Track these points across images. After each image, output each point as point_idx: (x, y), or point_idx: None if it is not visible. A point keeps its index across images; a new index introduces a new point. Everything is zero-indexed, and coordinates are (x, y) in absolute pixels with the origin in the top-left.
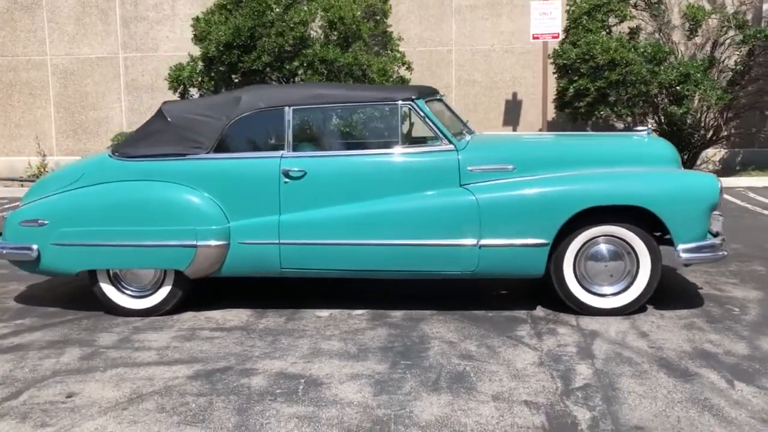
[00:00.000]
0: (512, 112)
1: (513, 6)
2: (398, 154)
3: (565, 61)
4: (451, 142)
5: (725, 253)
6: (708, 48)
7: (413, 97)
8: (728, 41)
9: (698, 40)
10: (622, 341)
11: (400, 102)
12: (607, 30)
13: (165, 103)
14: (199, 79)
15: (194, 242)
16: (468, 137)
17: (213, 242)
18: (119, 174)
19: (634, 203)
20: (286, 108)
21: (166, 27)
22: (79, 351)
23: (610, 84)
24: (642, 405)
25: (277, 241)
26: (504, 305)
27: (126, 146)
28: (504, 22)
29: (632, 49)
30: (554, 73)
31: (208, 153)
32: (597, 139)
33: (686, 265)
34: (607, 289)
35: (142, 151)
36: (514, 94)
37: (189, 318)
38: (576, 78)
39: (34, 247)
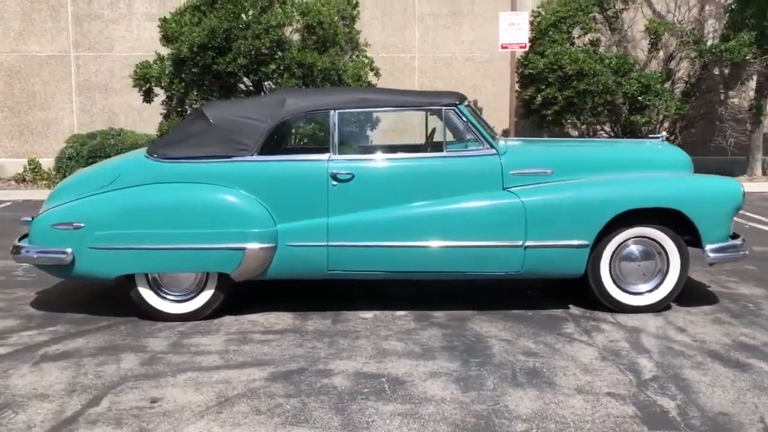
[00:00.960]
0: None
1: (474, 16)
2: (443, 157)
3: (531, 71)
4: (492, 147)
5: (746, 252)
6: (663, 61)
7: (456, 102)
8: (682, 55)
9: (657, 53)
10: (665, 336)
11: (444, 107)
12: (571, 42)
13: (205, 105)
14: (168, 80)
15: (243, 245)
16: (502, 141)
17: (261, 244)
18: (160, 176)
19: (669, 206)
20: (332, 111)
21: (122, 26)
22: (135, 357)
23: (578, 93)
24: (715, 393)
25: (325, 243)
26: (539, 304)
27: (165, 147)
28: (465, 31)
29: (599, 61)
30: (517, 82)
31: (253, 155)
32: (621, 145)
33: (711, 264)
34: (642, 287)
35: (183, 153)
36: (475, 102)
37: (231, 322)
38: (544, 87)
39: (69, 250)
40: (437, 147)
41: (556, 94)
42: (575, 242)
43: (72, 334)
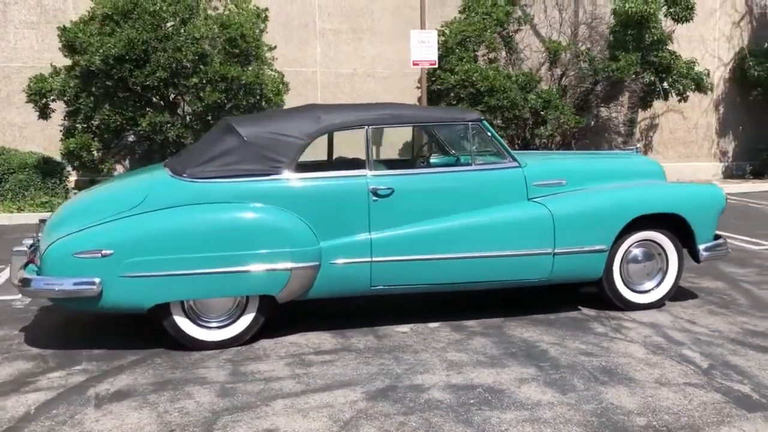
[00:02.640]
0: (375, 134)
1: (373, 33)
2: (473, 170)
3: (438, 86)
4: (515, 160)
5: (730, 250)
6: (558, 78)
7: (481, 117)
8: (576, 73)
9: (555, 70)
10: (684, 329)
11: (470, 122)
12: (475, 59)
13: (231, 119)
14: (73, 93)
15: (290, 265)
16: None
17: (307, 264)
18: (192, 196)
19: (673, 211)
20: (366, 127)
21: None
22: (204, 389)
23: (489, 108)
24: None
25: (369, 259)
26: (551, 309)
27: (194, 166)
28: (366, 47)
29: (507, 78)
30: (419, 98)
31: (289, 172)
32: (611, 157)
33: (698, 262)
34: (648, 285)
35: (216, 172)
36: None
37: (273, 346)
38: (455, 102)
39: (97, 280)
40: (465, 161)
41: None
42: (597, 247)
43: (108, 371)
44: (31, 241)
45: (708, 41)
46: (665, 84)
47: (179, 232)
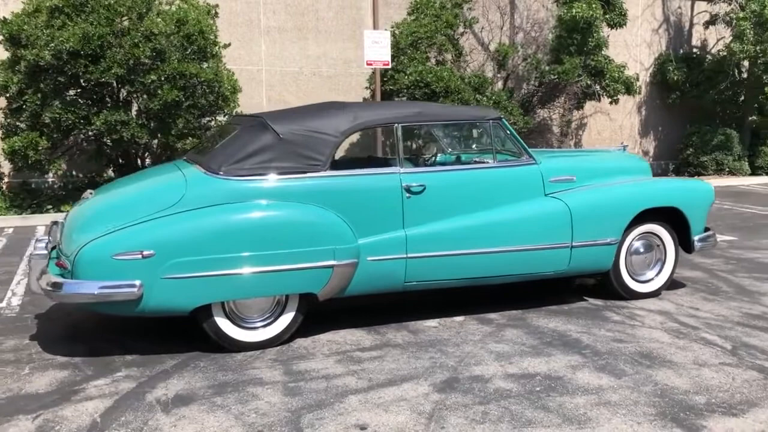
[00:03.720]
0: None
1: (318, 32)
2: (498, 167)
3: (390, 87)
4: (532, 157)
5: (717, 240)
6: (503, 79)
7: (500, 116)
8: (525, 75)
9: (503, 72)
10: (693, 315)
11: (491, 121)
12: (426, 61)
13: (265, 116)
14: (17, 89)
15: (332, 262)
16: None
17: (348, 261)
18: (231, 195)
19: (673, 205)
20: (396, 125)
21: None
22: (270, 390)
23: None
24: None
25: (404, 256)
26: (561, 300)
27: (229, 164)
28: (311, 45)
29: (460, 79)
30: (370, 97)
31: (325, 170)
32: (607, 154)
33: (690, 253)
34: (649, 275)
35: (252, 170)
36: None
37: (310, 344)
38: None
39: (137, 282)
40: (488, 158)
41: None
42: (608, 240)
43: (155, 376)
44: (43, 244)
45: (631, 47)
46: (599, 87)
47: (222, 231)
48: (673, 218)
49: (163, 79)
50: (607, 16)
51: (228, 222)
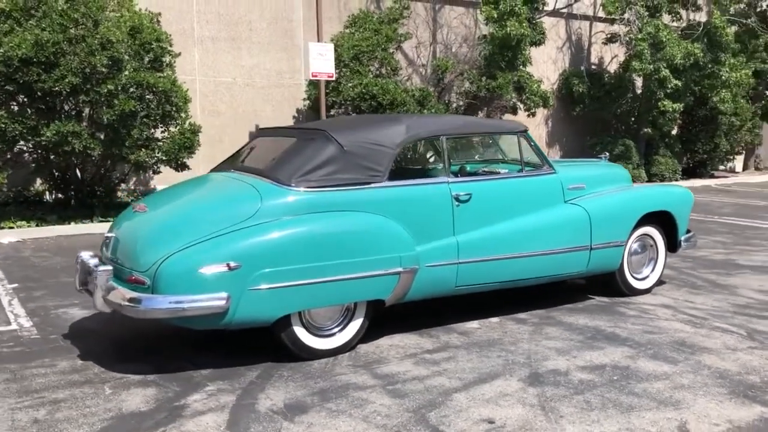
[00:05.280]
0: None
1: (251, 42)
2: (530, 176)
3: (334, 98)
4: (551, 167)
5: (697, 240)
6: (438, 92)
7: (527, 129)
8: (461, 89)
9: (442, 84)
10: (692, 307)
11: (519, 133)
12: (369, 74)
13: (326, 128)
14: None
15: (399, 269)
16: None
17: (411, 267)
18: (305, 206)
19: (666, 209)
20: (443, 137)
21: None
22: (373, 394)
23: None
24: None
25: (456, 261)
26: (571, 299)
27: (299, 176)
28: (244, 56)
29: (405, 92)
30: (310, 108)
31: (384, 180)
32: (600, 163)
33: (674, 252)
34: (645, 272)
35: (321, 181)
36: (257, 126)
37: (374, 350)
38: (354, 114)
39: (225, 295)
40: (517, 168)
41: None
42: (619, 241)
43: (248, 388)
44: (96, 260)
45: (538, 63)
46: (519, 101)
47: (302, 242)
48: (663, 220)
49: (120, 88)
50: (530, 35)
51: (307, 232)
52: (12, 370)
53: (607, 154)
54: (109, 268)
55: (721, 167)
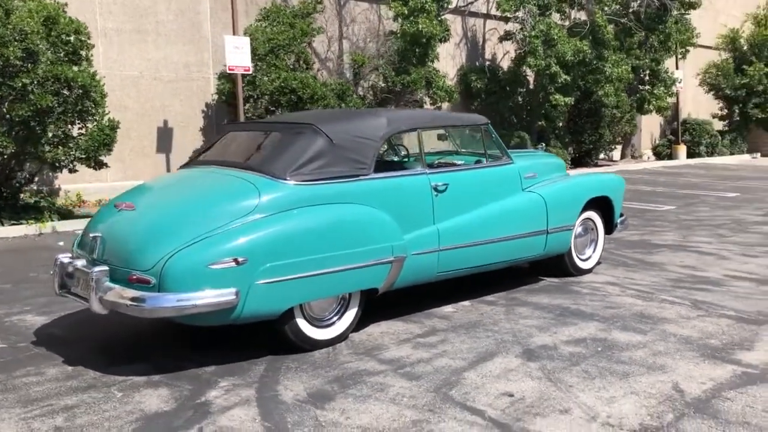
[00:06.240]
0: (164, 139)
1: (158, 34)
2: (495, 167)
3: (250, 93)
4: (509, 157)
5: (628, 223)
6: (353, 84)
7: (488, 121)
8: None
9: (360, 80)
10: (634, 283)
11: (483, 124)
12: (288, 68)
13: (314, 121)
14: None
15: (391, 258)
16: None
17: (401, 255)
18: (302, 199)
19: (606, 194)
20: (418, 129)
21: None
22: (388, 378)
23: None
24: (750, 298)
25: (437, 248)
26: (525, 282)
27: (293, 169)
28: (150, 49)
29: (324, 86)
30: (225, 102)
31: (370, 173)
32: (542, 153)
33: (610, 234)
34: (588, 253)
35: (313, 174)
36: (165, 122)
37: (367, 338)
38: (273, 108)
39: (233, 290)
40: (480, 159)
41: None
42: (569, 225)
43: (263, 382)
44: (82, 262)
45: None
46: (426, 96)
47: (305, 234)
48: (601, 205)
49: (36, 82)
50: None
51: (309, 225)
52: None
53: (544, 144)
54: (106, 268)
55: (602, 156)
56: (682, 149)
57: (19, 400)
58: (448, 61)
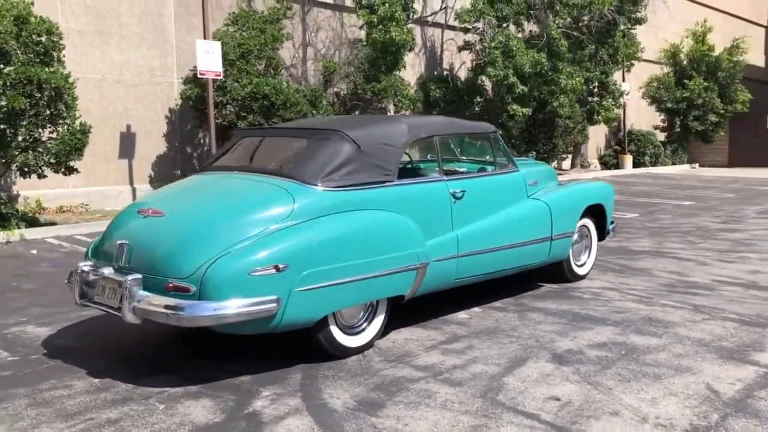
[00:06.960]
0: (127, 144)
1: (121, 37)
2: (505, 174)
3: (221, 98)
4: (515, 165)
5: (617, 230)
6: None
7: (497, 130)
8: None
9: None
10: (630, 288)
11: (490, 133)
12: (259, 74)
13: (340, 127)
14: None
15: (417, 264)
16: None
17: (425, 262)
18: (335, 205)
19: (600, 202)
20: (436, 137)
21: None
22: (430, 384)
23: (282, 121)
24: (744, 302)
25: (456, 255)
26: (526, 288)
27: (323, 176)
28: (113, 51)
29: (297, 92)
30: (193, 107)
31: (395, 179)
32: (536, 162)
33: (602, 240)
34: (583, 259)
35: (343, 180)
36: (128, 126)
37: (392, 346)
38: (245, 114)
39: (275, 297)
40: (489, 166)
41: (260, 121)
42: (569, 232)
43: (305, 391)
44: (109, 270)
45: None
46: (392, 104)
47: (340, 241)
48: (595, 212)
49: (8, 84)
50: None
51: (346, 231)
52: (26, 395)
53: (534, 153)
54: (139, 276)
55: (554, 165)
56: (628, 159)
57: (57, 414)
58: (408, 70)
